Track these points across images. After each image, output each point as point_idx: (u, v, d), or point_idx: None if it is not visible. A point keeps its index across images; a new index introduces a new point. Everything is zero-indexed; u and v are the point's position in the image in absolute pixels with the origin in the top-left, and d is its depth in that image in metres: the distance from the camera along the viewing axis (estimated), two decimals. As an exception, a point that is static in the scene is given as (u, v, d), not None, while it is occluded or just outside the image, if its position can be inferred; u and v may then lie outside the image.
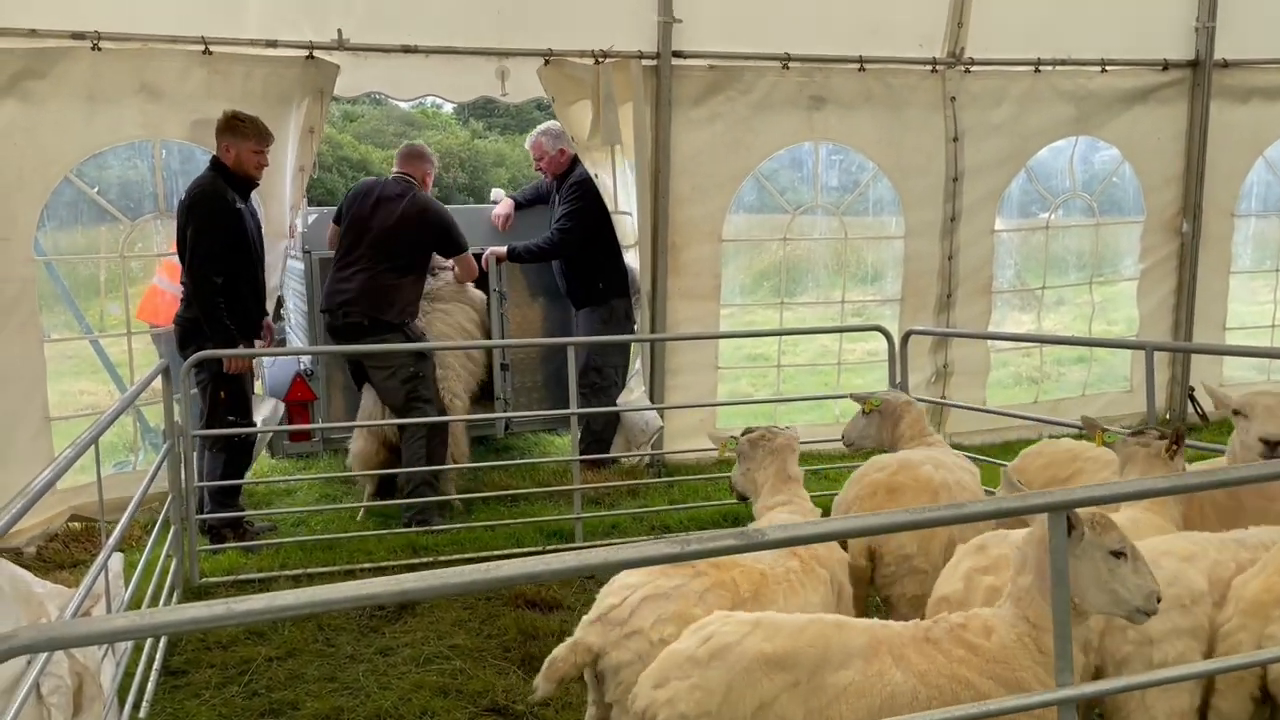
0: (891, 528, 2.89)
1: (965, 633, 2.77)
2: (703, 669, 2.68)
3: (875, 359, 8.26)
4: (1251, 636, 2.92)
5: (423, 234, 6.54)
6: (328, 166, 32.56)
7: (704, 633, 2.78)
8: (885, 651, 2.71)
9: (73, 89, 6.17)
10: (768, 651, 2.68)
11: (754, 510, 3.96)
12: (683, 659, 2.73)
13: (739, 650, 2.69)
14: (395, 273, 6.47)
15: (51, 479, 3.22)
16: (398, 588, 2.10)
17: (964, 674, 2.68)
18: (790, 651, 2.68)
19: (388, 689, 4.37)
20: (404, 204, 6.53)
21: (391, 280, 6.45)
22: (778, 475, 3.90)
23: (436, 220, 6.60)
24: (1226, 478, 3.24)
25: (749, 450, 3.99)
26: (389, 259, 6.45)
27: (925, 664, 2.70)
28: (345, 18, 6.74)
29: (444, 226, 6.62)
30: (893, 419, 4.81)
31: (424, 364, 6.50)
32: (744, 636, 2.71)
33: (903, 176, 8.01)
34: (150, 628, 2.13)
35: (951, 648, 2.74)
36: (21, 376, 6.15)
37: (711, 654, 2.70)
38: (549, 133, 7.60)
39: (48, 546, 6.08)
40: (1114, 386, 8.91)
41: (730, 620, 2.80)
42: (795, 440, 4.02)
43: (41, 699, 2.86)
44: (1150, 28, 8.39)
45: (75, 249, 6.75)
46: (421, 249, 6.60)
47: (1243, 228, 9.13)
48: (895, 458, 4.42)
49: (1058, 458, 4.56)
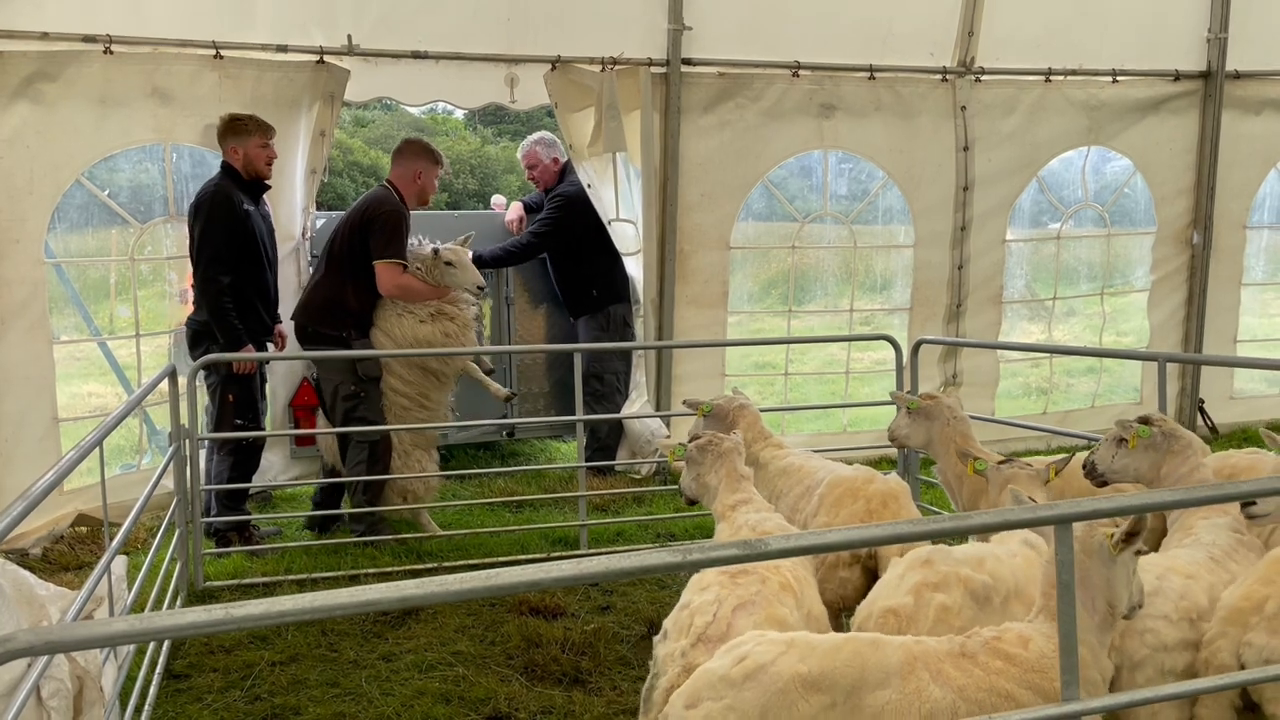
0: (893, 539, 2.85)
1: (1001, 644, 2.74)
2: (737, 690, 2.62)
3: (883, 368, 8.23)
4: (1230, 644, 3.00)
5: (353, 235, 6.09)
6: (338, 171, 32.73)
7: (737, 652, 2.72)
8: (922, 668, 2.66)
9: (84, 92, 6.20)
10: (803, 672, 2.61)
11: (713, 510, 3.98)
12: (716, 679, 2.66)
13: (774, 671, 2.62)
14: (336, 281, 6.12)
15: (54, 481, 3.21)
16: (399, 594, 2.09)
17: (1003, 685, 2.66)
18: (826, 671, 2.62)
19: (390, 695, 4.35)
20: (355, 205, 6.26)
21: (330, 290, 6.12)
22: (730, 475, 3.94)
23: (371, 218, 6.06)
24: (1237, 491, 3.21)
25: (697, 455, 4.01)
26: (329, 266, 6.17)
27: (963, 678, 2.66)
28: (356, 23, 6.77)
29: (373, 225, 6.03)
30: (727, 423, 4.70)
31: (368, 385, 6.10)
32: (778, 656, 2.65)
33: (913, 185, 8.00)
34: (150, 632, 2.11)
35: (989, 660, 2.70)
36: (30, 378, 6.17)
37: (746, 674, 2.63)
38: (543, 142, 7.61)
39: (53, 548, 6.09)
40: (1124, 398, 8.87)
41: (764, 640, 2.75)
42: (740, 445, 4.07)
43: (41, 702, 2.85)
44: (1162, 38, 8.36)
45: (85, 252, 6.77)
46: (360, 253, 6.09)
47: (1255, 240, 9.09)
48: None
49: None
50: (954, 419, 4.67)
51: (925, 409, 4.74)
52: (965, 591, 3.18)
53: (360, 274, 6.10)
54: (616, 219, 7.40)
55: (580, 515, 6.26)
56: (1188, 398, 8.63)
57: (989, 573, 3.24)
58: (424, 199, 6.38)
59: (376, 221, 6.06)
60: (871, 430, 7.89)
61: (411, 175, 6.27)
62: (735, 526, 3.73)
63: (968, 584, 3.19)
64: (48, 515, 6.14)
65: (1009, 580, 3.25)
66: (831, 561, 3.99)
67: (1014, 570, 3.29)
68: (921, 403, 4.76)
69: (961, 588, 3.18)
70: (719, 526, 3.86)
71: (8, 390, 6.09)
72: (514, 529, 6.39)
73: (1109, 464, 4.00)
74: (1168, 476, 3.87)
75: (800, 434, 8.35)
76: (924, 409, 4.74)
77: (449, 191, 37.02)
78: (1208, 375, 8.63)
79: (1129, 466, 3.97)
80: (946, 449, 4.62)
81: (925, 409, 4.74)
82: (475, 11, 7.05)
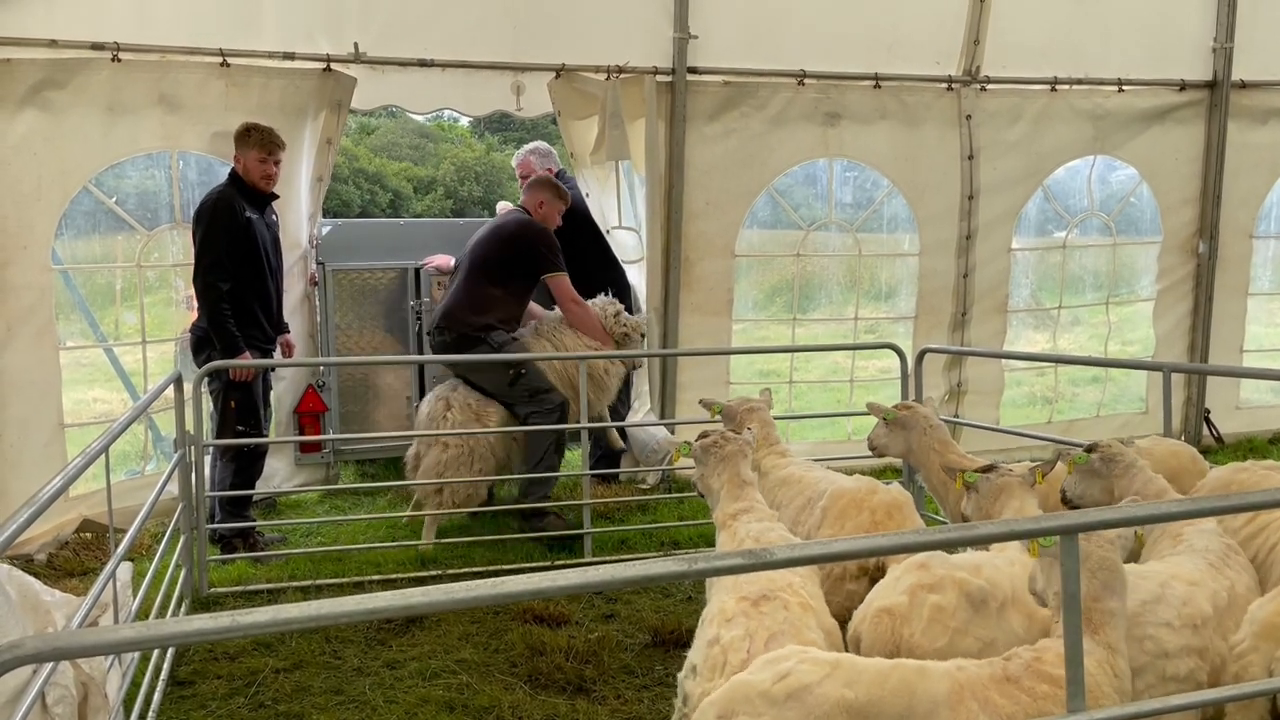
0: (899, 549, 2.85)
1: (1044, 665, 2.68)
2: (778, 708, 2.53)
3: (888, 376, 8.23)
4: (1263, 659, 2.99)
5: (502, 250, 6.52)
6: (343, 179, 32.81)
7: (780, 668, 2.62)
8: (970, 697, 2.59)
9: (92, 99, 6.22)
10: (849, 698, 2.52)
11: (714, 517, 3.89)
12: (754, 693, 2.57)
13: (819, 693, 2.53)
14: (478, 287, 6.49)
15: (61, 487, 3.22)
16: (405, 602, 2.09)
17: (1051, 710, 2.59)
18: (874, 700, 2.53)
19: (394, 703, 4.35)
20: (495, 224, 6.74)
21: (470, 296, 6.48)
22: (732, 482, 3.85)
23: (521, 237, 6.54)
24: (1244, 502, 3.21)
25: (701, 456, 3.94)
26: (471, 274, 6.54)
27: (1011, 705, 2.60)
28: (362, 31, 6.79)
29: (528, 243, 6.53)
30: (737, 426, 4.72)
31: (524, 370, 6.41)
32: (824, 678, 2.56)
33: (918, 194, 8.00)
34: (156, 639, 2.12)
35: (1034, 684, 2.64)
36: (36, 383, 6.18)
37: (788, 693, 2.54)
38: (538, 151, 7.62)
39: (59, 554, 6.10)
40: (1129, 408, 8.85)
41: (808, 658, 2.65)
42: (748, 446, 3.97)
43: (46, 709, 2.85)
44: (1168, 48, 8.36)
45: (92, 258, 6.79)
46: (506, 266, 6.54)
47: (1261, 249, 9.08)
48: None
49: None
50: (930, 428, 4.72)
51: (901, 419, 4.81)
52: (961, 594, 3.17)
53: (500, 283, 6.48)
54: (618, 227, 7.40)
55: (585, 523, 6.25)
56: (1193, 407, 8.61)
57: (986, 579, 3.24)
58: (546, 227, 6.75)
59: (533, 241, 6.52)
60: (877, 439, 7.85)
61: (536, 204, 6.68)
62: (737, 538, 3.64)
63: (963, 587, 3.19)
64: (53, 521, 6.15)
65: (1006, 587, 3.25)
66: (839, 574, 3.93)
67: (1012, 578, 3.28)
68: (897, 413, 4.83)
69: (957, 590, 3.17)
70: (720, 536, 3.78)
71: (14, 396, 6.11)
72: (518, 537, 6.39)
73: (1071, 489, 4.09)
74: (1121, 496, 3.90)
75: (805, 442, 8.34)
76: (900, 419, 4.81)
77: (454, 199, 37.10)
78: (1213, 385, 8.61)
79: (1084, 493, 4.04)
80: (927, 457, 4.69)
81: (901, 419, 4.81)
82: (481, 20, 7.07)
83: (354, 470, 7.97)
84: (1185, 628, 3.09)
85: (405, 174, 38.05)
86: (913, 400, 5.69)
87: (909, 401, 5.25)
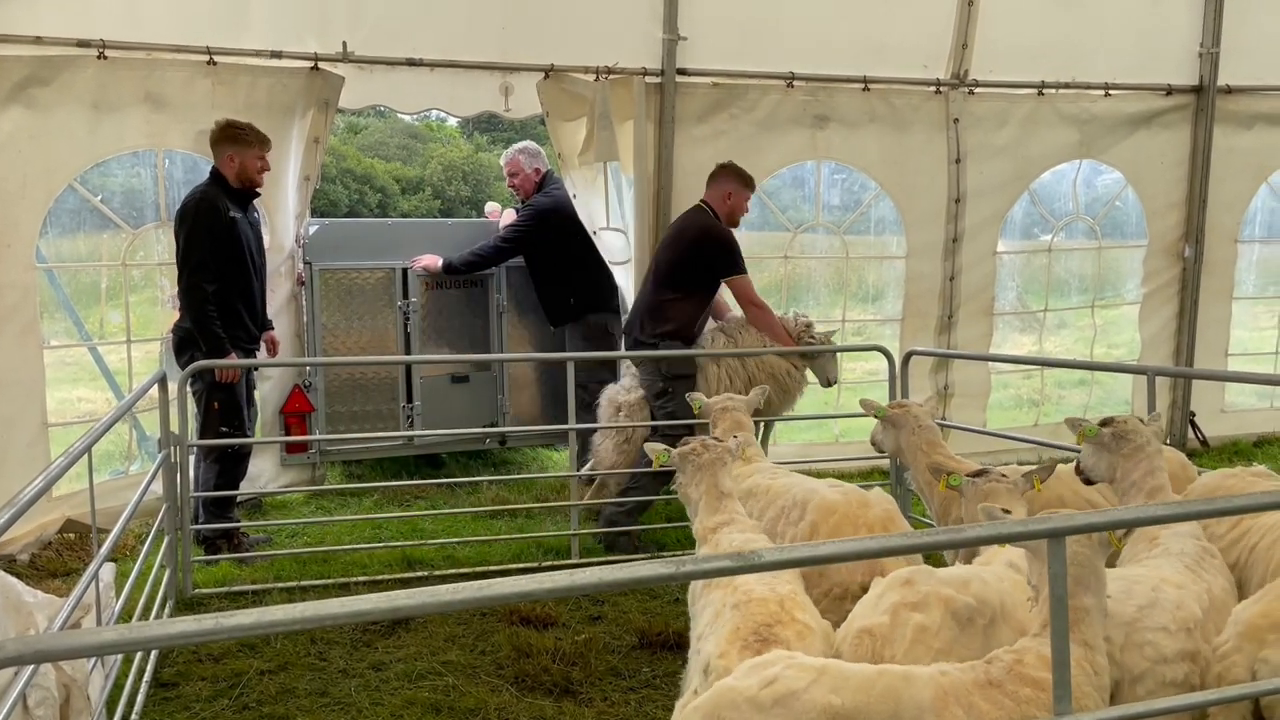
0: (885, 552, 2.82)
1: (1025, 668, 2.67)
2: (764, 714, 2.51)
3: (875, 378, 8.24)
4: (1245, 659, 2.98)
5: (681, 252, 6.45)
6: (331, 178, 32.67)
7: (766, 673, 2.60)
8: (954, 703, 2.57)
9: (77, 97, 6.18)
10: (836, 705, 2.51)
11: (693, 530, 3.77)
12: (741, 699, 2.55)
13: (806, 699, 2.52)
14: (657, 292, 6.48)
15: (43, 488, 3.19)
16: (391, 604, 2.07)
17: (1034, 714, 2.59)
18: (860, 707, 2.51)
19: (379, 705, 4.33)
20: (676, 225, 6.67)
21: (652, 300, 6.49)
22: (710, 493, 3.72)
23: (704, 240, 6.44)
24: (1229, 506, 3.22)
25: (679, 464, 3.82)
26: (654, 280, 6.56)
27: (995, 710, 2.59)
28: (350, 30, 6.76)
29: (710, 246, 6.44)
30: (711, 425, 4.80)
31: (676, 383, 6.28)
32: (810, 684, 2.55)
33: (905, 197, 8.02)
34: (139, 641, 2.10)
35: (1017, 688, 2.63)
36: (20, 382, 6.14)
37: (775, 699, 2.52)
38: (527, 151, 7.62)
39: (41, 554, 6.06)
40: (1115, 410, 8.84)
41: (794, 663, 2.63)
42: (727, 454, 3.83)
43: (28, 711, 2.82)
44: (1154, 53, 8.40)
45: (77, 257, 6.74)
46: (687, 270, 6.47)
47: (1246, 254, 9.12)
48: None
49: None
50: (920, 427, 4.73)
51: (892, 417, 4.83)
52: (946, 612, 3.07)
53: (680, 289, 6.43)
54: (605, 228, 7.39)
55: (572, 525, 6.24)
56: (1178, 411, 8.65)
57: (974, 595, 3.13)
58: (734, 219, 6.67)
59: (714, 243, 6.43)
60: (863, 441, 7.82)
61: (722, 196, 6.59)
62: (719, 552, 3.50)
63: (949, 604, 3.08)
64: (36, 521, 6.10)
65: (995, 603, 3.15)
66: (838, 594, 3.79)
67: (1001, 593, 3.19)
68: (889, 411, 4.85)
69: (942, 608, 3.07)
70: (700, 551, 3.66)
71: (-3, 395, 6.06)
72: (505, 538, 6.37)
73: (1083, 460, 4.05)
74: (1122, 480, 3.87)
75: (792, 444, 8.35)
76: (891, 417, 4.84)
77: (442, 199, 37.02)
78: (1199, 388, 8.66)
79: (1092, 466, 4.00)
80: (915, 456, 4.71)
81: (892, 417, 4.83)
82: (470, 20, 7.05)
83: (340, 471, 7.95)
84: (1180, 631, 3.07)
85: (393, 174, 37.94)
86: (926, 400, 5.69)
87: (903, 400, 5.26)
